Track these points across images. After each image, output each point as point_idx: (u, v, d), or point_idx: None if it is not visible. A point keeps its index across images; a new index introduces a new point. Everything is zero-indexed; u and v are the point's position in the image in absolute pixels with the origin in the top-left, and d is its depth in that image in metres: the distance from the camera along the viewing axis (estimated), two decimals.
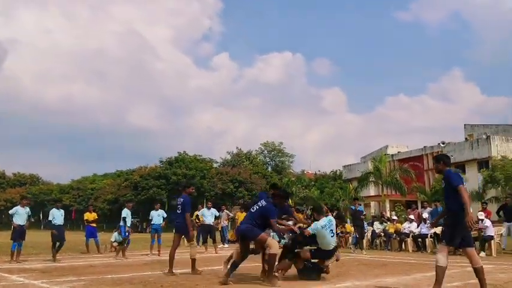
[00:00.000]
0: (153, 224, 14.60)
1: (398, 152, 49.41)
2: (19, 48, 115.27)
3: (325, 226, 7.63)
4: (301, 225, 8.26)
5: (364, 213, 17.89)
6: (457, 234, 5.85)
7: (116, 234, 16.46)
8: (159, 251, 13.89)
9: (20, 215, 12.30)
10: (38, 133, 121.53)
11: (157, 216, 14.63)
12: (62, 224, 12.93)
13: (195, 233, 18.17)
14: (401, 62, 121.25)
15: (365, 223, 16.94)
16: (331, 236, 7.71)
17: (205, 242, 15.63)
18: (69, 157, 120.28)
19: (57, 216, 12.79)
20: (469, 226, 5.60)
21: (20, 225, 12.20)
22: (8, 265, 11.06)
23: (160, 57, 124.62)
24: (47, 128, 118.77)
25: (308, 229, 7.71)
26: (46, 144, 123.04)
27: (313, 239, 7.64)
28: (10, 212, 12.75)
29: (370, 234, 16.94)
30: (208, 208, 16.46)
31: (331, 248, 7.70)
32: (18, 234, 12.07)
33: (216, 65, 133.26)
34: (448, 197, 6.07)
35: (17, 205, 12.97)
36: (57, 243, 12.46)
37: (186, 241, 9.55)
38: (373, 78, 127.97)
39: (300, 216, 19.07)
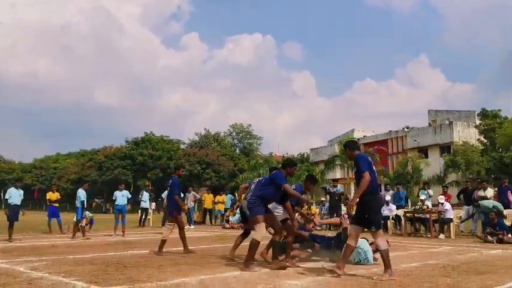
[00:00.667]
0: (117, 204, 14.31)
1: (364, 136, 50.23)
2: None
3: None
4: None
5: (342, 191, 17.81)
6: (373, 215, 6.06)
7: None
8: (123, 231, 13.70)
9: (11, 193, 12.21)
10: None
11: (122, 196, 14.29)
12: (18, 204, 12.46)
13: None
14: (370, 47, 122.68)
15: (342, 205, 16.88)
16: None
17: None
18: (31, 135, 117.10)
19: (14, 195, 12.39)
20: (348, 210, 5.81)
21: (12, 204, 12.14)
22: None
23: (128, 34, 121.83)
24: (9, 104, 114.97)
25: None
26: (7, 122, 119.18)
27: None
28: None
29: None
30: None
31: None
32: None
33: (185, 44, 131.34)
34: (357, 182, 6.09)
35: None
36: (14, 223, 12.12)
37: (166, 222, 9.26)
38: (342, 63, 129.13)
39: None
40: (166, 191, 16.90)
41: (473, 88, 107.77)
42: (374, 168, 6.13)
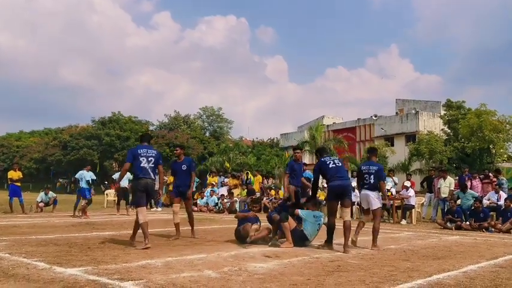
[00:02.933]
0: (82, 186, 14.06)
1: (334, 123, 50.78)
2: None
3: (319, 217, 7.83)
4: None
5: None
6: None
7: (42, 194, 15.90)
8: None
9: None
10: None
11: (89, 176, 14.13)
12: None
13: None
14: (342, 35, 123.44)
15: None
16: (317, 230, 7.79)
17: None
18: None
19: None
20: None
21: None
22: None
23: (97, 10, 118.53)
24: None
25: (300, 213, 7.83)
26: None
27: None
28: None
29: None
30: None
31: (309, 239, 7.70)
32: None
33: (156, 23, 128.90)
34: None
35: None
36: None
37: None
38: (315, 49, 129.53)
39: (236, 181, 19.41)
40: (117, 173, 16.72)
41: (440, 79, 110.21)
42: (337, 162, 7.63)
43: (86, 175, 13.74)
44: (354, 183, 16.16)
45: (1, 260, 5.59)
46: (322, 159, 7.62)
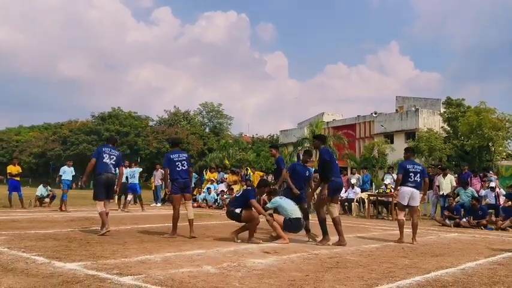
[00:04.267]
0: (64, 180, 14.27)
1: (334, 120, 50.81)
2: None
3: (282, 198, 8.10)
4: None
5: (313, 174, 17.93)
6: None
7: (41, 187, 15.93)
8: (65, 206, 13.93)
9: None
10: None
11: (70, 172, 14.59)
12: None
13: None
14: (343, 32, 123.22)
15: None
16: (295, 204, 8.03)
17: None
18: None
19: None
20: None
21: None
22: None
23: (96, 5, 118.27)
24: None
25: (268, 205, 8.15)
26: None
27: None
28: None
29: None
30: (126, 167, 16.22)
31: (299, 215, 7.83)
32: None
33: (156, 19, 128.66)
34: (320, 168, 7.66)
35: None
36: None
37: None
38: (315, 46, 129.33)
39: (235, 177, 19.40)
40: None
41: (439, 77, 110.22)
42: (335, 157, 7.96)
43: (67, 170, 14.45)
44: (353, 180, 16.28)
45: (0, 255, 5.59)
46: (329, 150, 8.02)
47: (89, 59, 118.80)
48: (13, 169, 15.12)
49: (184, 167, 8.08)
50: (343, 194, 16.05)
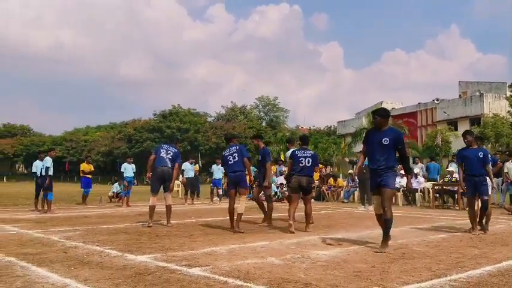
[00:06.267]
0: (127, 176, 14.90)
1: (393, 108, 49.35)
2: None
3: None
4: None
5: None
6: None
7: (116, 184, 16.73)
8: (128, 202, 14.70)
9: (37, 166, 12.42)
10: (27, 83, 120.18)
11: (131, 169, 15.19)
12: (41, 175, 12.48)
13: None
14: (399, 17, 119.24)
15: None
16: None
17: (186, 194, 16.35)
18: (60, 108, 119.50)
19: (39, 168, 12.60)
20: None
21: (40, 176, 12.33)
22: (2, 215, 11.18)
23: (154, 6, 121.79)
24: (37, 77, 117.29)
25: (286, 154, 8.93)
26: (36, 95, 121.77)
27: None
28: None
29: None
30: (191, 163, 16.70)
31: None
32: (41, 185, 12.11)
33: (211, 16, 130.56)
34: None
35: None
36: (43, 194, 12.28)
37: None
38: (371, 33, 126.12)
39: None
40: (216, 165, 17.12)
41: (504, 59, 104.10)
42: None
43: (127, 167, 15.11)
44: (416, 170, 15.80)
45: (76, 249, 5.94)
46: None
47: (149, 59, 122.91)
48: (86, 167, 15.92)
49: (235, 159, 7.86)
50: (405, 184, 15.65)
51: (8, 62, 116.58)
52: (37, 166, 12.80)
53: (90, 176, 15.92)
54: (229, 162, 7.90)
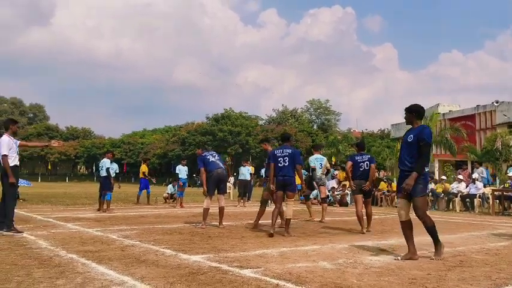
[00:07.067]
0: (181, 178, 15.36)
1: (450, 111, 47.58)
2: (68, 3, 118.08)
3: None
4: None
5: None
6: None
7: (170, 186, 17.20)
8: (181, 203, 15.01)
9: (111, 168, 12.79)
10: (89, 88, 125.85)
11: (184, 171, 15.57)
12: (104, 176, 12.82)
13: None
14: (456, 17, 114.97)
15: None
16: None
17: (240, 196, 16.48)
18: (120, 112, 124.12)
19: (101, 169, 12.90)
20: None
21: (101, 177, 12.78)
22: (65, 213, 11.75)
23: (208, 13, 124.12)
24: (97, 83, 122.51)
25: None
26: (97, 100, 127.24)
27: None
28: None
29: None
30: (243, 166, 16.81)
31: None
32: (110, 185, 12.58)
33: (263, 21, 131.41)
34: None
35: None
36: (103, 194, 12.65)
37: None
38: (426, 34, 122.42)
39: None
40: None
41: None
42: None
43: (181, 169, 15.54)
44: (475, 175, 15.17)
45: (133, 247, 6.16)
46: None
47: (202, 64, 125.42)
48: (146, 169, 16.43)
49: (286, 163, 7.70)
50: (464, 190, 15.08)
51: (74, 69, 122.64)
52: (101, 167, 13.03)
53: (148, 178, 16.40)
54: (279, 165, 7.73)
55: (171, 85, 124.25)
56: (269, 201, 9.47)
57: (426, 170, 5.69)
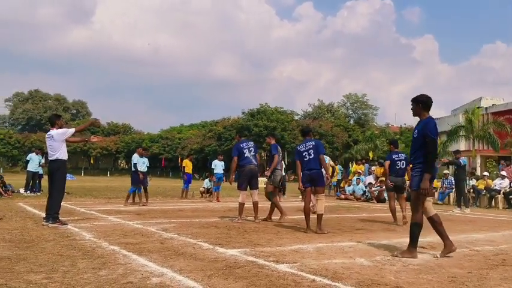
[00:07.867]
0: (217, 173, 15.42)
1: (493, 105, 45.99)
2: (107, 1, 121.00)
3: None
4: None
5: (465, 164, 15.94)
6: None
7: (207, 180, 17.43)
8: (218, 198, 15.19)
9: (139, 163, 12.93)
10: (128, 84, 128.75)
11: (221, 166, 15.56)
12: (144, 171, 12.99)
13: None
14: (498, 7, 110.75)
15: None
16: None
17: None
18: (157, 107, 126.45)
19: (139, 163, 12.99)
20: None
21: (138, 171, 12.83)
22: (107, 206, 12.10)
23: (244, 8, 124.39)
24: (135, 79, 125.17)
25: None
26: (136, 96, 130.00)
27: None
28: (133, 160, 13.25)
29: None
30: None
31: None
32: (136, 180, 12.79)
33: (299, 15, 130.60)
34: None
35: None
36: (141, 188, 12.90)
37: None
38: (468, 26, 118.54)
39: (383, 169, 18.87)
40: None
41: None
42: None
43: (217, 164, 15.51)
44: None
45: (171, 240, 6.30)
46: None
47: (238, 59, 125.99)
48: (189, 164, 16.61)
49: (311, 156, 7.46)
50: (507, 186, 14.60)
51: (114, 66, 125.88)
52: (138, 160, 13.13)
53: (190, 172, 16.61)
54: (305, 159, 7.50)
55: (207, 80, 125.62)
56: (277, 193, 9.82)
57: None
